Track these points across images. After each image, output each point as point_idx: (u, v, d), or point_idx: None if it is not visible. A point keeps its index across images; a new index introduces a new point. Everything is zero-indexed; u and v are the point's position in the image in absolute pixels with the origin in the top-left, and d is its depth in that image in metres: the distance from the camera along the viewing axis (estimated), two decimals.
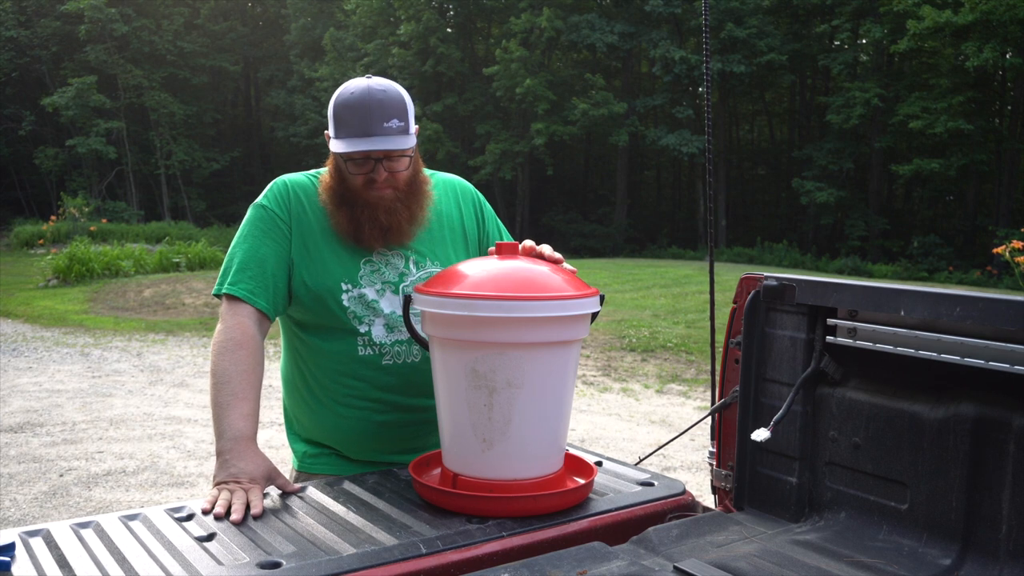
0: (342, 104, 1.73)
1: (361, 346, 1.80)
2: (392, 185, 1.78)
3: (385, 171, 1.76)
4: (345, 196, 1.79)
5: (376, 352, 1.80)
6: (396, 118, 1.72)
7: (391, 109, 1.72)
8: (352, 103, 1.72)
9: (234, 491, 1.53)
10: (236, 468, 1.57)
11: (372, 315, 1.80)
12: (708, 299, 2.26)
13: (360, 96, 1.72)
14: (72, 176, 30.43)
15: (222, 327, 1.73)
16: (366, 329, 1.80)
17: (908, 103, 22.53)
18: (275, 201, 1.81)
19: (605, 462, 1.82)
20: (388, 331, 1.81)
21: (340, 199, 1.79)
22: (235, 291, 1.74)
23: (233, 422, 1.62)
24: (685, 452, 5.69)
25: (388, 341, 1.81)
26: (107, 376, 8.10)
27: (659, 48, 25.39)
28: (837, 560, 1.40)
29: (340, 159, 1.77)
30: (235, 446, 1.60)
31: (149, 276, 14.66)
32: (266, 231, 1.79)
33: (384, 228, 1.80)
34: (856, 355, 1.58)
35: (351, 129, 1.71)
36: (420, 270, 1.86)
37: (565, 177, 34.09)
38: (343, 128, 1.72)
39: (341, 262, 1.80)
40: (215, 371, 1.68)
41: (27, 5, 30.74)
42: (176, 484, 5.07)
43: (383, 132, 1.71)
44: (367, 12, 29.42)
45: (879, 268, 22.11)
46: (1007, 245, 5.29)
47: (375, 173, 1.75)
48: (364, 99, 1.72)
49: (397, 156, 1.76)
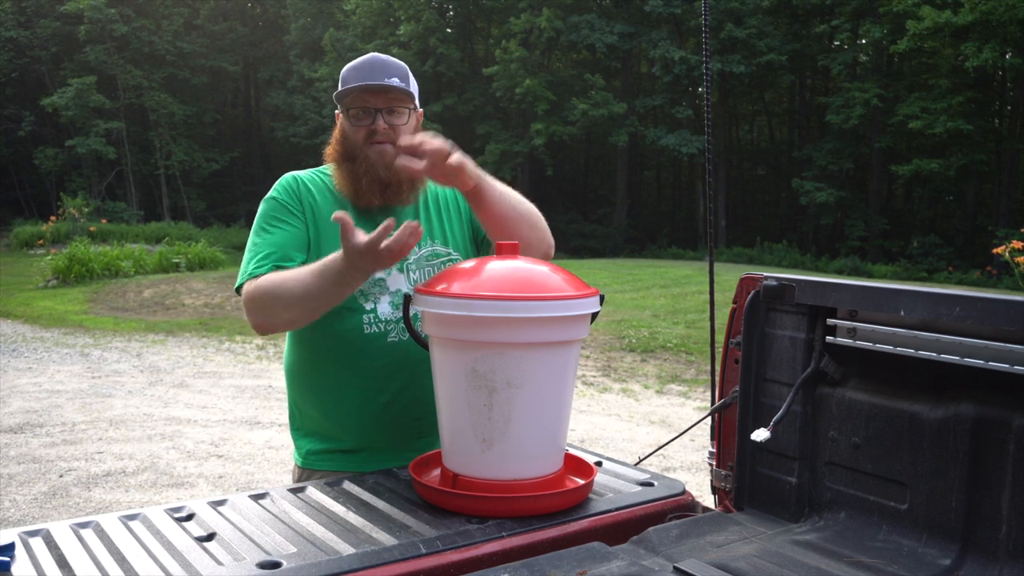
0: (349, 67, 1.85)
1: (367, 323, 1.82)
2: (392, 140, 1.82)
3: (385, 123, 1.81)
4: (347, 153, 1.84)
5: (382, 329, 1.83)
6: (397, 77, 1.82)
7: (392, 68, 1.83)
8: (356, 64, 1.85)
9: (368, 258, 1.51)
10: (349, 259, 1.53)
11: (379, 292, 1.84)
12: (708, 299, 2.26)
13: (364, 58, 1.85)
14: (72, 176, 30.43)
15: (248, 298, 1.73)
16: (372, 306, 1.83)
17: (908, 103, 22.54)
18: (285, 192, 1.86)
19: (605, 462, 1.82)
20: (394, 308, 1.84)
21: (342, 156, 1.85)
22: (259, 271, 1.75)
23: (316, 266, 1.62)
24: (685, 452, 5.70)
25: (394, 318, 1.84)
26: (107, 376, 8.10)
27: (659, 48, 25.41)
28: (837, 560, 1.40)
29: (343, 117, 1.86)
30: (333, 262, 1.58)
31: (149, 276, 14.66)
32: (281, 219, 1.83)
33: (383, 183, 1.83)
34: (856, 355, 1.58)
35: (353, 81, 1.81)
36: (423, 248, 1.91)
37: (565, 177, 34.10)
38: (346, 84, 1.82)
39: None
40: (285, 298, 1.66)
41: (27, 5, 30.74)
42: (176, 484, 5.07)
43: (383, 81, 1.80)
44: (367, 12, 29.42)
45: (879, 268, 22.13)
46: (1007, 245, 5.30)
47: (375, 124, 1.81)
48: (367, 59, 1.85)
49: (398, 109, 1.83)
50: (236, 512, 1.50)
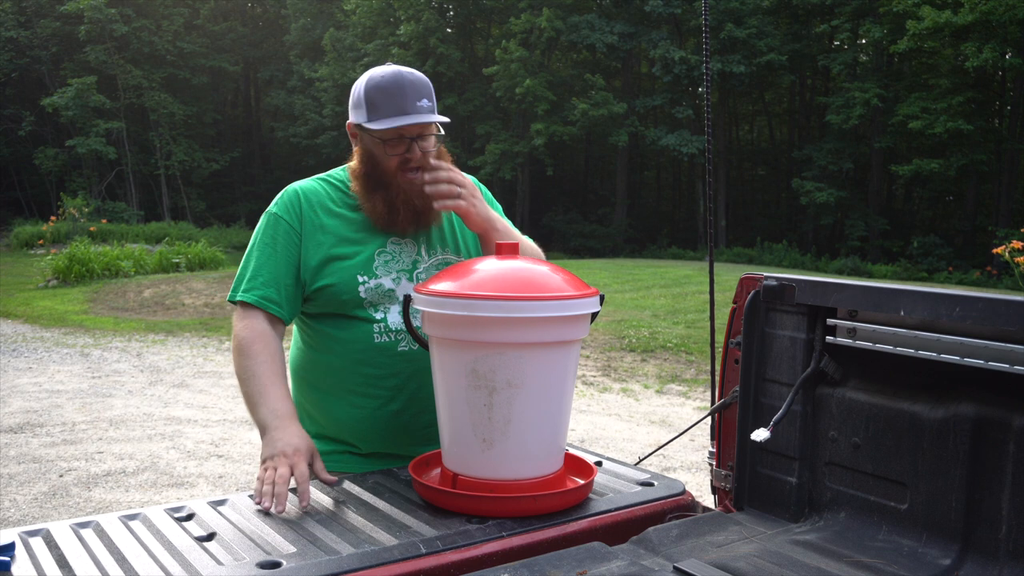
0: (374, 87, 1.78)
1: (377, 333, 1.82)
2: (424, 166, 1.81)
3: (419, 150, 1.80)
4: (380, 180, 1.82)
5: (392, 339, 1.82)
6: (426, 98, 1.78)
7: (423, 89, 1.79)
8: (384, 85, 1.77)
9: (279, 464, 1.56)
10: (282, 442, 1.61)
11: (388, 302, 1.83)
12: (708, 299, 2.26)
13: (392, 78, 1.77)
14: (72, 176, 30.42)
15: (235, 332, 1.78)
16: (382, 316, 1.82)
17: (908, 103, 22.54)
18: (285, 209, 1.85)
19: (605, 462, 1.82)
20: None
21: (374, 184, 1.83)
22: (248, 298, 1.79)
23: (272, 404, 1.67)
24: (685, 452, 5.69)
25: (404, 328, 1.82)
26: (107, 376, 8.10)
27: (659, 48, 25.41)
28: (837, 560, 1.40)
29: (373, 143, 1.81)
30: (279, 422, 1.64)
31: (149, 276, 14.66)
32: (276, 238, 1.82)
33: (417, 211, 1.83)
34: (856, 355, 1.58)
35: (386, 109, 1.76)
36: (432, 257, 1.89)
37: (565, 177, 34.10)
38: (377, 110, 1.77)
39: (356, 257, 1.83)
40: (239, 372, 1.74)
41: (27, 5, 30.75)
42: (176, 484, 5.07)
43: (416, 111, 1.76)
44: (367, 12, 29.43)
45: (879, 268, 22.12)
46: (1007, 245, 5.30)
47: (410, 152, 1.79)
48: (397, 80, 1.77)
49: (428, 135, 1.82)
50: (236, 512, 1.50)
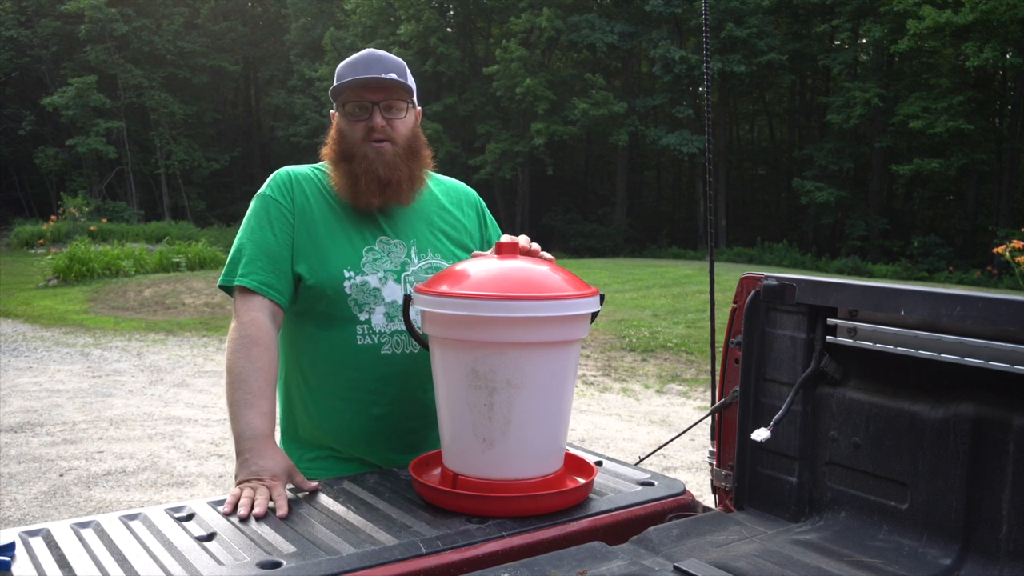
0: (343, 63, 1.82)
1: (360, 335, 1.78)
2: (390, 138, 1.79)
3: (383, 119, 1.78)
4: (345, 152, 1.81)
5: (375, 341, 1.78)
6: (395, 72, 1.79)
7: (390, 64, 1.80)
8: (352, 60, 1.82)
9: (257, 488, 1.54)
10: (257, 466, 1.58)
11: (373, 303, 1.79)
12: (708, 299, 2.26)
13: (360, 54, 1.82)
14: (72, 176, 30.42)
15: (237, 323, 1.72)
16: (366, 317, 1.78)
17: (908, 103, 22.54)
18: (278, 190, 1.81)
19: (605, 462, 1.82)
20: (388, 320, 1.80)
21: (340, 156, 1.82)
22: (248, 283, 1.73)
23: (251, 421, 1.63)
24: (685, 452, 5.69)
25: (388, 330, 1.79)
26: (107, 376, 8.10)
27: (659, 48, 25.41)
28: (837, 560, 1.40)
29: (342, 117, 1.82)
30: (255, 444, 1.61)
31: (149, 276, 14.66)
32: (271, 220, 1.78)
33: (382, 182, 1.79)
34: (856, 355, 1.58)
35: (350, 76, 1.78)
36: (422, 260, 1.86)
37: (565, 177, 34.09)
38: (342, 79, 1.79)
39: (343, 250, 1.79)
40: (231, 369, 1.68)
41: (27, 5, 30.74)
42: (176, 484, 5.07)
43: (380, 75, 1.78)
44: (367, 12, 29.42)
45: (879, 268, 22.11)
46: (1007, 245, 5.30)
47: (372, 120, 1.78)
48: (364, 55, 1.81)
49: (396, 105, 1.80)
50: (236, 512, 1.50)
